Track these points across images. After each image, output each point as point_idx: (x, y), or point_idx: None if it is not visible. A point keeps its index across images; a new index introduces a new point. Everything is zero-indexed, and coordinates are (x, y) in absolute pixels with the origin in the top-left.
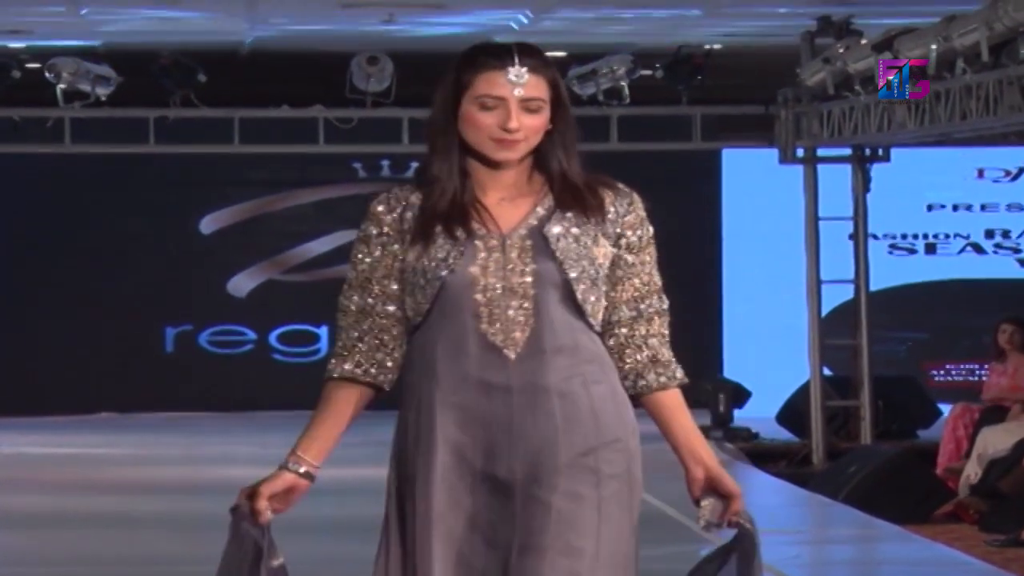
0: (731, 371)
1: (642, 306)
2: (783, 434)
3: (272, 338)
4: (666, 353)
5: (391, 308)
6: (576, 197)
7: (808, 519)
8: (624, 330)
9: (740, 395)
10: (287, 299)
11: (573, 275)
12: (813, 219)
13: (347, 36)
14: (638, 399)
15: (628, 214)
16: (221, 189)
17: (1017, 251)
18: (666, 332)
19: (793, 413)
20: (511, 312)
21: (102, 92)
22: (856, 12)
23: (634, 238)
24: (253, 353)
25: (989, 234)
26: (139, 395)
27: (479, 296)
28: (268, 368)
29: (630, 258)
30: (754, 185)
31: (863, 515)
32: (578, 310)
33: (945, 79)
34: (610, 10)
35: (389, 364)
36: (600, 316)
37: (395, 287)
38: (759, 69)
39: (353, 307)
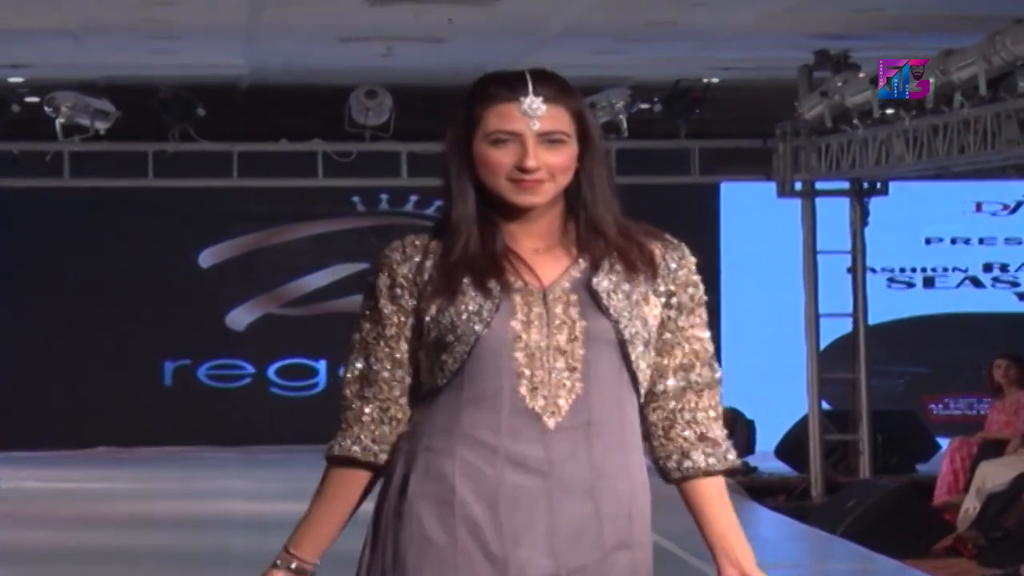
0: (729, 404)
1: (692, 375)
2: (782, 468)
3: (271, 372)
4: (717, 431)
5: (400, 373)
6: (618, 249)
7: (807, 553)
8: (672, 403)
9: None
10: (286, 333)
11: (627, 335)
12: (811, 252)
13: (346, 70)
14: (678, 482)
15: (680, 269)
16: (220, 223)
17: (1015, 284)
18: (718, 407)
19: (792, 447)
20: (555, 375)
21: (101, 126)
22: (854, 46)
23: (686, 297)
24: (251, 387)
25: (987, 268)
26: (137, 429)
27: (520, 355)
28: (266, 402)
29: (681, 321)
30: (752, 218)
31: (862, 549)
32: (629, 376)
33: (943, 112)
34: (609, 42)
35: (394, 441)
36: (646, 386)
37: (405, 348)
38: (757, 103)
39: (357, 372)
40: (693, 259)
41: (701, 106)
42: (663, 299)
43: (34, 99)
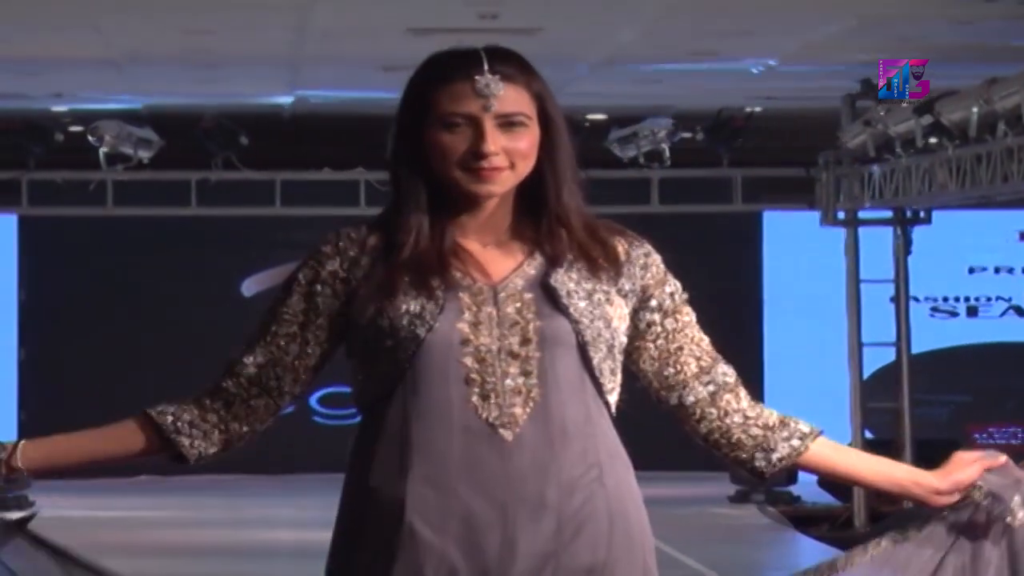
0: None
1: (717, 376)
2: (825, 498)
3: (313, 400)
4: (770, 414)
5: (269, 379)
6: (580, 245)
7: None
8: (712, 411)
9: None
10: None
11: (589, 337)
12: (854, 281)
13: (388, 99)
14: (794, 468)
15: (650, 267)
16: (262, 251)
17: None
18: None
19: None
20: (509, 381)
21: (144, 155)
22: None
23: (665, 297)
24: (294, 415)
25: None
26: None
27: (469, 360)
28: (308, 430)
29: (670, 323)
30: (795, 247)
31: None
32: (592, 382)
33: (986, 141)
34: (651, 72)
35: (215, 437)
36: (616, 395)
37: (294, 354)
38: (800, 132)
39: (228, 359)
40: (658, 256)
41: (743, 135)
42: (633, 300)
43: (78, 128)
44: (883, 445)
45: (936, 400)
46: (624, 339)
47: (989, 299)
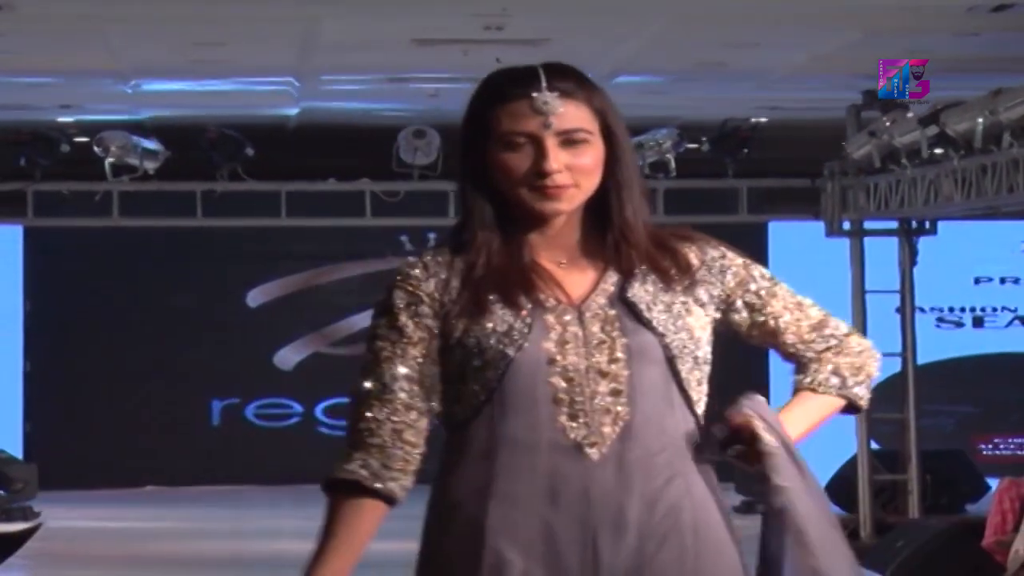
0: None
1: (827, 333)
2: (830, 508)
3: (318, 411)
4: (847, 371)
5: (418, 395)
6: (649, 257)
7: None
8: (813, 355)
9: None
10: (333, 372)
11: (676, 350)
12: (860, 292)
13: (394, 110)
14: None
15: (727, 270)
16: (268, 262)
17: None
18: (859, 357)
19: (841, 487)
20: (599, 400)
21: (150, 166)
22: None
23: (751, 296)
24: (299, 426)
25: None
26: (186, 468)
27: (557, 380)
28: (314, 441)
29: (759, 317)
30: (801, 258)
31: None
32: (681, 396)
33: (992, 152)
34: (658, 82)
35: (409, 469)
36: (703, 405)
37: (427, 371)
38: (805, 142)
39: (367, 392)
40: (734, 253)
41: (749, 145)
42: (714, 306)
43: (84, 139)
44: (889, 456)
45: (941, 411)
46: (708, 348)
47: (995, 309)
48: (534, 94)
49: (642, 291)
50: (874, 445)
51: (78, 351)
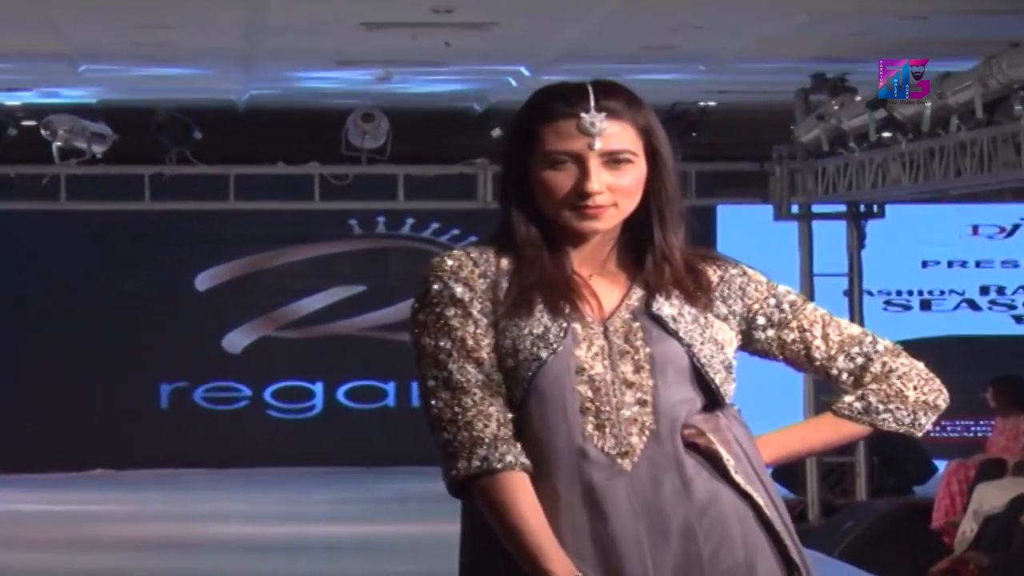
0: None
1: (855, 352)
2: (778, 490)
3: (267, 394)
4: (874, 396)
5: (489, 375)
6: (678, 279)
7: None
8: (855, 378)
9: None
10: (282, 355)
11: (703, 359)
12: (808, 275)
13: (343, 93)
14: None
15: (747, 287)
16: (216, 246)
17: (1012, 307)
18: (899, 381)
19: (788, 469)
20: (625, 411)
21: (98, 149)
22: (850, 69)
23: (773, 311)
24: (248, 409)
25: (984, 290)
26: (134, 451)
27: (583, 388)
28: (263, 424)
29: (787, 334)
30: (749, 241)
31: (859, 572)
32: (708, 398)
33: (940, 136)
34: (606, 66)
35: (515, 439)
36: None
37: (487, 353)
38: (753, 126)
39: (472, 381)
40: (757, 272)
41: (697, 129)
42: (736, 322)
43: (31, 122)
44: None
45: None
46: (735, 362)
47: (942, 292)
48: (582, 114)
49: (667, 305)
50: None
51: (25, 335)
